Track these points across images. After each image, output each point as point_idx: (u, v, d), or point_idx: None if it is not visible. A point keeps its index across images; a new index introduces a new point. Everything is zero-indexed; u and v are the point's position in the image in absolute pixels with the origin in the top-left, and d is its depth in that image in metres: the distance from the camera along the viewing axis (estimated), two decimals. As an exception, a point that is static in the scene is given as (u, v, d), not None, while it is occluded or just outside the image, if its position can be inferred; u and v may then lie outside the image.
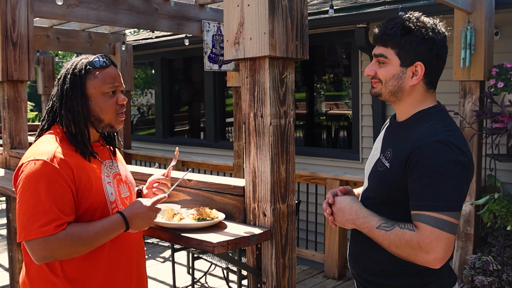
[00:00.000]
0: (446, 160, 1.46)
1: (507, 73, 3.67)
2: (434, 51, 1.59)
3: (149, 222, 1.71)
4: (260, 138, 1.90)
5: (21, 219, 1.53)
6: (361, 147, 5.46)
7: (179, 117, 8.51)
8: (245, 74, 1.94)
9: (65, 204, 1.56)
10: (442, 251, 1.45)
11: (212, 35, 4.98)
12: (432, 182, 1.46)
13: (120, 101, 1.75)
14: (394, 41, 1.59)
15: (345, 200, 1.70)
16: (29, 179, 1.55)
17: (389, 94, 1.65)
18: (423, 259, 1.47)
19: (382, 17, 4.57)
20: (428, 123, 1.57)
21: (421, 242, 1.46)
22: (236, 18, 1.89)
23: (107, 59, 1.76)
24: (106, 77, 1.72)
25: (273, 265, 1.90)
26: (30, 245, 1.53)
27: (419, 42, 1.57)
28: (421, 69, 1.59)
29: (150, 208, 1.70)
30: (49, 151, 1.61)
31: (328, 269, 4.58)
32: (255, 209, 1.94)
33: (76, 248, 1.57)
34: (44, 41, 6.12)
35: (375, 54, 1.66)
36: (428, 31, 1.58)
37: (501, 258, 3.60)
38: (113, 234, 1.64)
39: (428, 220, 1.46)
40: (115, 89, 1.75)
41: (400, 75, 1.61)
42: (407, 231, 1.50)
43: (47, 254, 1.53)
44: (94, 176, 1.69)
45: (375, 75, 1.66)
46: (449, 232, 1.45)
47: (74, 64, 1.73)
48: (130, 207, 1.69)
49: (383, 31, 1.63)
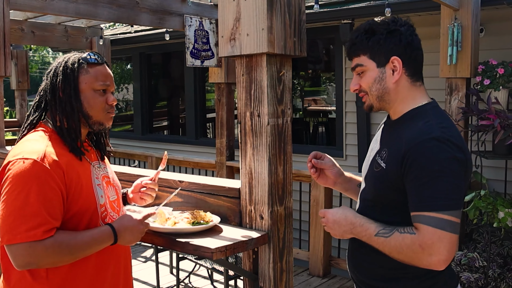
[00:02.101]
0: (442, 157, 1.43)
1: (493, 70, 3.69)
2: (403, 41, 1.57)
3: (138, 237, 1.63)
4: (257, 138, 1.83)
5: (5, 221, 1.43)
6: (345, 144, 5.44)
7: (158, 113, 8.36)
8: (240, 72, 1.86)
9: (54, 208, 1.47)
10: (446, 252, 1.41)
11: (194, 30, 4.87)
12: (429, 181, 1.42)
13: (110, 101, 1.68)
14: (362, 47, 1.59)
15: (338, 211, 1.64)
16: (17, 179, 1.45)
17: (378, 100, 1.62)
18: (427, 261, 1.43)
19: (367, 13, 4.54)
20: (422, 120, 1.53)
21: (423, 244, 1.42)
22: (232, 13, 1.81)
23: (100, 57, 1.69)
24: (98, 74, 1.66)
25: (271, 269, 1.84)
26: (13, 249, 1.42)
27: (386, 38, 1.57)
28: (398, 62, 1.56)
29: (140, 222, 1.62)
30: (39, 150, 1.51)
31: (313, 267, 4.54)
32: (252, 211, 1.87)
33: (62, 257, 1.48)
34: (18, 35, 5.88)
35: (352, 67, 1.66)
36: (390, 26, 1.58)
37: (487, 254, 3.62)
38: (100, 246, 1.56)
39: (428, 221, 1.41)
40: (106, 88, 1.68)
41: (381, 77, 1.59)
42: (407, 235, 1.46)
43: (31, 260, 1.43)
44: (84, 177, 1.60)
45: (360, 88, 1.64)
46: (451, 232, 1.41)
47: (66, 58, 1.66)
48: (120, 220, 1.61)
49: (351, 43, 1.64)
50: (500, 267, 3.59)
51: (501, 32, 4.43)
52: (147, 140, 7.65)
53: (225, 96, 5.09)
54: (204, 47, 4.93)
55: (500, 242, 3.70)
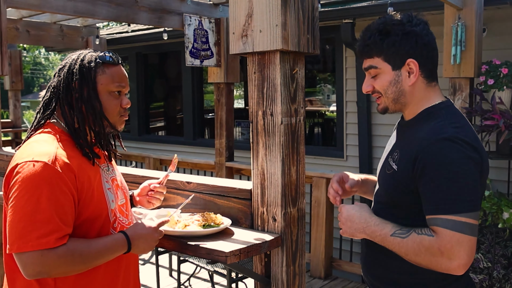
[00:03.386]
0: (456, 158, 1.37)
1: (497, 70, 3.66)
2: (420, 42, 1.51)
3: (152, 246, 1.56)
4: (269, 138, 1.78)
5: (15, 228, 1.34)
6: (346, 144, 5.40)
7: (154, 114, 8.28)
8: (252, 70, 1.81)
9: (66, 214, 1.39)
10: (466, 256, 1.35)
11: (194, 29, 4.81)
12: (444, 183, 1.37)
13: (124, 104, 1.61)
14: (377, 49, 1.53)
15: (354, 208, 1.59)
16: (27, 183, 1.36)
17: (393, 102, 1.57)
18: (446, 266, 1.38)
19: (368, 13, 4.50)
20: (435, 120, 1.48)
21: (442, 247, 1.36)
22: (244, 9, 1.76)
23: (116, 56, 1.61)
24: (114, 75, 1.58)
25: (284, 272, 1.79)
26: (24, 258, 1.34)
27: (401, 40, 1.51)
28: (414, 65, 1.51)
29: (155, 230, 1.56)
30: (49, 152, 1.42)
31: (314, 269, 4.49)
32: (264, 213, 1.82)
33: (74, 266, 1.40)
34: (13, 34, 5.79)
35: (365, 68, 1.60)
36: (405, 26, 1.52)
37: (491, 255, 3.60)
38: (113, 255, 1.49)
39: (446, 224, 1.36)
40: (121, 90, 1.60)
41: (396, 79, 1.54)
42: (425, 236, 1.40)
43: (42, 269, 1.35)
44: (95, 181, 1.53)
45: (373, 89, 1.59)
46: (470, 235, 1.35)
47: (82, 56, 1.57)
48: (133, 228, 1.54)
49: (363, 43, 1.57)
50: (504, 268, 3.57)
51: (503, 32, 4.41)
52: (143, 141, 7.57)
53: (225, 96, 5.03)
54: (204, 46, 4.87)
55: (505, 243, 3.67)
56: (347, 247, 4.61)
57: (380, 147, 5.10)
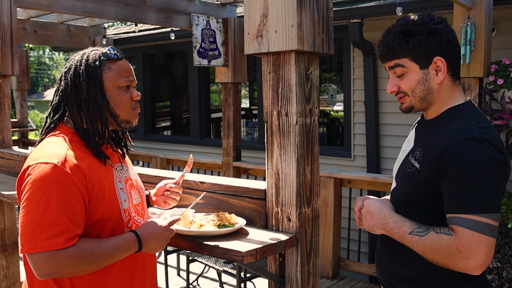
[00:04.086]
0: (481, 158, 1.38)
1: (506, 70, 3.66)
2: (445, 39, 1.52)
3: (163, 244, 1.56)
4: (284, 138, 1.78)
5: (26, 229, 1.36)
6: (353, 144, 5.39)
7: (161, 114, 8.30)
8: (267, 70, 1.81)
9: (76, 214, 1.40)
10: (484, 256, 1.35)
11: (201, 29, 4.81)
12: (467, 182, 1.37)
13: (134, 96, 1.62)
14: (402, 51, 1.53)
15: (375, 203, 1.61)
16: (37, 184, 1.38)
17: (420, 101, 1.57)
18: (463, 265, 1.38)
19: (377, 12, 4.50)
20: (460, 120, 1.49)
21: (460, 247, 1.37)
22: (259, 9, 1.76)
23: (119, 51, 1.62)
24: (121, 70, 1.59)
25: (298, 272, 1.79)
26: (35, 258, 1.35)
27: (427, 38, 1.51)
28: (442, 62, 1.52)
29: (166, 228, 1.56)
30: (59, 153, 1.44)
31: (322, 269, 4.50)
32: (278, 213, 1.82)
33: (84, 266, 1.41)
34: (20, 34, 5.82)
35: (390, 66, 1.59)
36: (428, 24, 1.52)
37: (500, 255, 3.59)
38: (124, 254, 1.49)
39: (466, 223, 1.36)
40: (129, 84, 1.61)
41: (424, 78, 1.54)
42: (444, 235, 1.41)
43: (53, 270, 1.36)
44: (107, 182, 1.53)
45: (399, 89, 1.58)
46: (489, 236, 1.35)
47: (85, 56, 1.58)
48: (144, 227, 1.54)
49: (387, 47, 1.56)
50: (514, 269, 3.56)
51: (512, 31, 4.40)
52: (150, 141, 7.59)
53: (232, 96, 5.03)
54: (211, 46, 4.87)
55: (514, 243, 3.67)
56: (355, 247, 4.61)
57: (388, 146, 5.10)
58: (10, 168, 3.25)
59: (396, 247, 1.56)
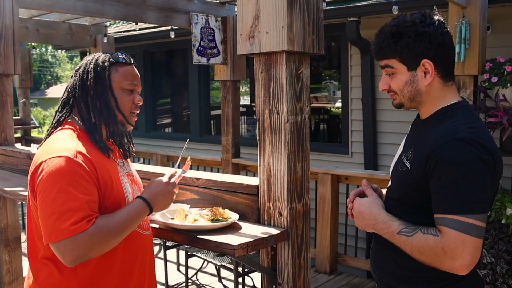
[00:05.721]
0: (468, 159, 1.38)
1: (501, 68, 3.70)
2: (434, 43, 1.51)
3: (170, 198, 1.67)
4: (276, 136, 1.84)
5: (48, 220, 1.42)
6: (351, 141, 5.45)
7: (161, 111, 8.37)
8: (259, 69, 1.87)
9: (93, 201, 1.48)
10: (469, 257, 1.37)
11: (201, 28, 4.87)
12: (454, 183, 1.39)
13: (136, 100, 1.71)
14: (391, 52, 1.55)
15: (364, 204, 1.63)
16: (54, 176, 1.45)
17: (409, 101, 1.59)
18: (449, 265, 1.40)
19: (374, 10, 4.55)
20: (450, 120, 1.50)
21: (446, 247, 1.39)
22: (251, 11, 1.82)
23: (128, 57, 1.72)
24: (127, 73, 1.69)
25: (289, 265, 1.86)
26: (60, 246, 1.41)
27: (415, 41, 1.51)
28: (429, 65, 1.52)
29: (167, 183, 1.67)
30: (70, 147, 1.52)
31: (320, 264, 4.56)
32: (270, 208, 1.88)
33: (107, 241, 1.47)
34: (22, 33, 5.87)
35: (381, 66, 1.62)
36: (418, 27, 1.52)
37: (494, 251, 3.64)
38: (138, 220, 1.57)
39: (452, 224, 1.38)
40: (133, 88, 1.71)
41: (412, 80, 1.55)
42: (430, 236, 1.43)
43: (80, 253, 1.42)
44: (114, 175, 1.63)
45: (389, 88, 1.61)
46: (475, 236, 1.37)
47: (96, 57, 1.69)
48: (148, 189, 1.64)
49: (377, 46, 1.59)
50: (508, 264, 3.61)
51: (507, 29, 4.44)
52: (151, 138, 7.66)
53: (231, 93, 5.09)
54: (210, 44, 4.93)
55: (508, 239, 3.72)
56: (352, 242, 4.67)
57: (385, 143, 5.15)
58: (12, 165, 3.32)
59: (387, 245, 1.57)
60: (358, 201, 1.65)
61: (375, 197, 1.65)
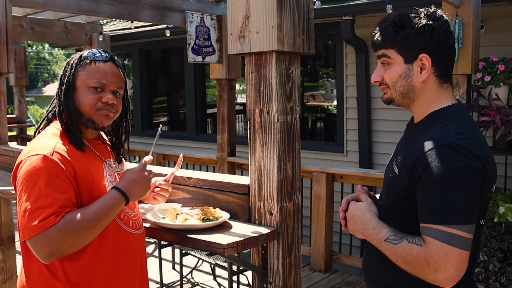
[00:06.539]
0: (455, 166, 1.31)
1: (494, 67, 3.71)
2: (435, 38, 1.44)
3: (147, 185, 1.63)
4: (266, 135, 1.85)
5: (22, 218, 1.45)
6: (346, 139, 5.46)
7: (157, 109, 8.37)
8: (249, 69, 1.87)
9: (68, 199, 1.48)
10: (453, 269, 1.30)
11: (196, 26, 4.87)
12: (439, 192, 1.32)
13: (104, 99, 1.64)
14: (391, 41, 1.48)
15: (358, 208, 1.58)
16: (29, 175, 1.47)
17: (401, 96, 1.52)
18: (432, 277, 1.34)
19: (368, 9, 4.56)
20: (440, 124, 1.43)
21: (429, 258, 1.33)
22: (241, 11, 1.83)
23: (105, 53, 1.69)
24: (94, 71, 1.65)
25: (280, 264, 1.86)
26: (33, 242, 1.43)
27: (416, 33, 1.44)
28: (427, 60, 1.45)
29: (142, 170, 1.63)
30: (49, 146, 1.54)
31: (314, 262, 4.58)
32: (261, 207, 1.89)
33: (78, 234, 1.45)
34: (17, 31, 5.87)
35: (378, 55, 1.54)
36: (421, 20, 1.45)
37: (487, 249, 3.66)
38: (114, 211, 1.54)
39: (436, 235, 1.32)
40: (101, 86, 1.65)
41: (407, 73, 1.48)
42: (414, 246, 1.37)
43: (52, 248, 1.42)
44: (96, 174, 1.62)
45: (382, 80, 1.54)
46: (460, 248, 1.30)
47: (74, 56, 1.70)
48: (122, 178, 1.61)
49: (378, 34, 1.52)
50: (500, 262, 3.63)
51: (501, 28, 4.45)
52: (147, 136, 7.65)
53: (226, 92, 5.10)
54: (205, 43, 4.93)
55: (501, 237, 3.74)
56: (347, 240, 4.69)
57: (379, 142, 5.16)
58: (5, 164, 3.32)
59: (376, 252, 1.52)
60: (353, 205, 1.60)
61: (369, 203, 1.59)
